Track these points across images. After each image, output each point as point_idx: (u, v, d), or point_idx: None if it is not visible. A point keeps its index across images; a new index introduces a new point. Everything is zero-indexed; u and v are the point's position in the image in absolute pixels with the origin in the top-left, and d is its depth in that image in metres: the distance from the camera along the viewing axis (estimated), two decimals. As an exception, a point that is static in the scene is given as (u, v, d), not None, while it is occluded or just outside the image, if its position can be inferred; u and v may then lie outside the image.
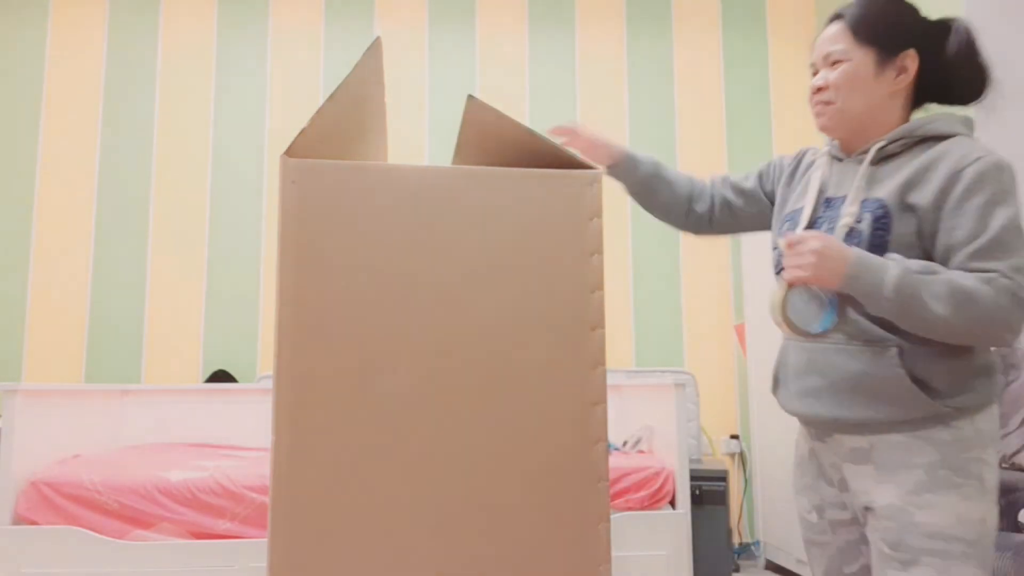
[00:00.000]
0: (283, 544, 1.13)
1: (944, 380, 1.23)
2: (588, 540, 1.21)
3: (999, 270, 1.17)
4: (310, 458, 1.15)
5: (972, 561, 1.19)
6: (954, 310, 1.16)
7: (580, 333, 1.25)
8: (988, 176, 1.21)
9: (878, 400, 1.25)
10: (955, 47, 1.32)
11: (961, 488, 1.20)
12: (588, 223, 1.28)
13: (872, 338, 1.25)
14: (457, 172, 1.25)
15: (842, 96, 1.31)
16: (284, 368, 1.14)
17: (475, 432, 1.18)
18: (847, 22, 1.32)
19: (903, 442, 1.24)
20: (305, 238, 1.19)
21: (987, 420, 1.25)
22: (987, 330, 1.17)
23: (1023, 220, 1.21)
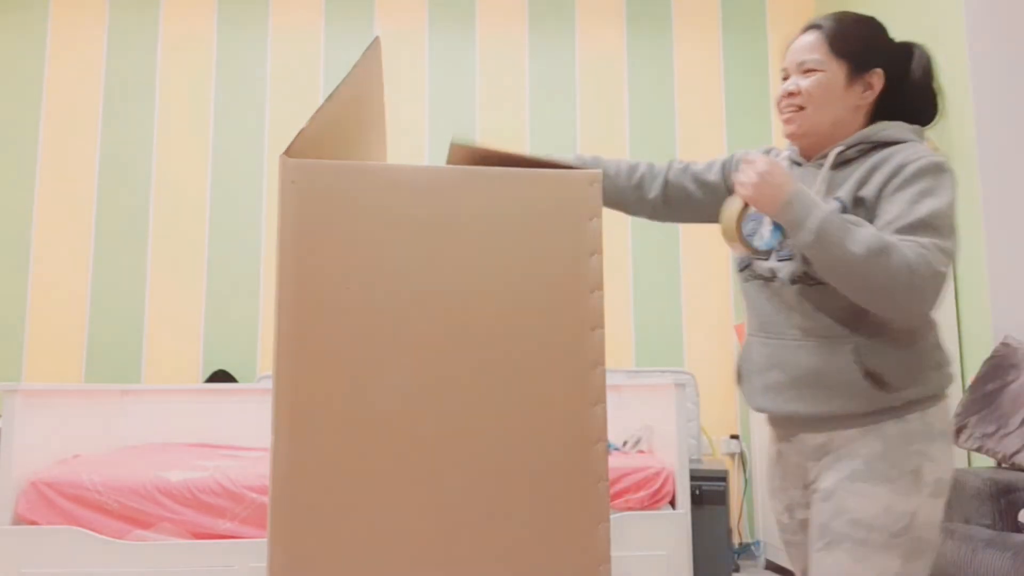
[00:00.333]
0: (283, 544, 1.13)
1: (896, 374, 1.27)
2: (588, 540, 1.21)
3: (921, 242, 1.20)
4: (310, 458, 1.15)
5: (895, 552, 1.22)
6: (867, 254, 1.18)
7: (580, 333, 1.25)
8: (926, 172, 1.26)
9: (834, 395, 1.28)
10: (918, 72, 1.38)
11: (894, 481, 1.24)
12: (588, 223, 1.28)
13: (829, 334, 1.29)
14: (457, 172, 1.25)
15: (813, 104, 1.36)
16: (283, 368, 1.14)
17: (474, 432, 1.18)
18: (825, 34, 1.37)
19: (855, 435, 1.28)
20: (304, 238, 1.19)
21: (937, 414, 1.29)
22: (894, 285, 1.18)
23: (954, 219, 1.25)
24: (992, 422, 2.62)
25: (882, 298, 1.20)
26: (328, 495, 1.13)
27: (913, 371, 1.28)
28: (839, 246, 1.20)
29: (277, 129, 4.18)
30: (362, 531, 1.13)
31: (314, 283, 1.16)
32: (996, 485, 2.43)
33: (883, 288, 1.19)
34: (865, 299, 1.22)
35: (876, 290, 1.20)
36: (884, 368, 1.27)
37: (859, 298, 1.22)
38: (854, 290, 1.22)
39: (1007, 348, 2.70)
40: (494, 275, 1.21)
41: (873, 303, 1.22)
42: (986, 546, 2.20)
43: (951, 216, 1.24)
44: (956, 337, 3.16)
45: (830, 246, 1.21)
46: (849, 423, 1.29)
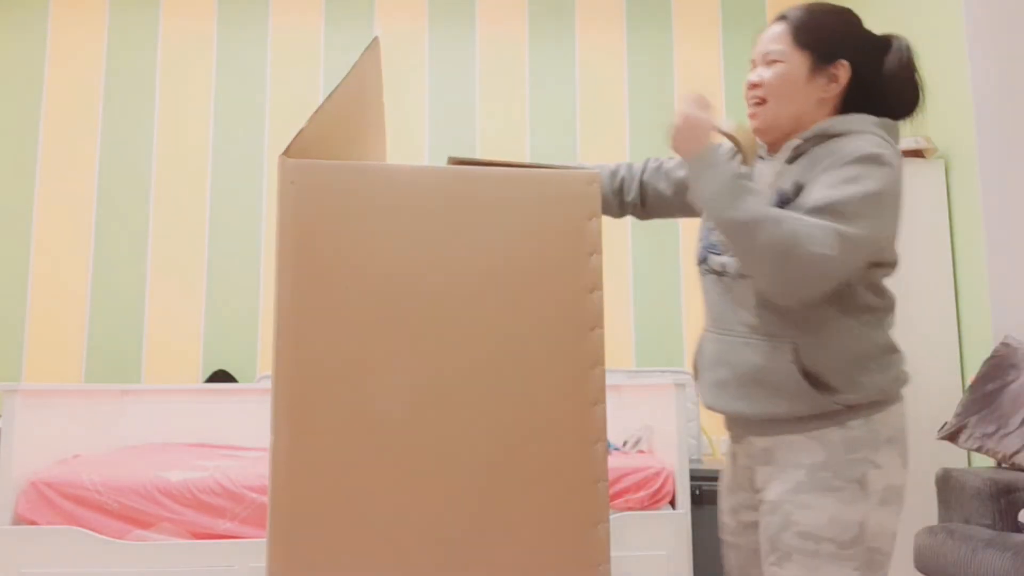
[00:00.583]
0: (283, 544, 1.13)
1: (836, 376, 1.24)
2: (587, 540, 1.21)
3: (816, 223, 1.17)
4: (309, 458, 1.15)
5: (847, 563, 1.20)
6: (749, 220, 1.17)
7: (579, 333, 1.25)
8: (858, 160, 1.22)
9: (775, 395, 1.26)
10: (893, 63, 1.33)
11: (839, 491, 1.21)
12: (587, 223, 1.28)
13: (772, 332, 1.27)
14: (456, 172, 1.25)
15: (774, 96, 1.34)
16: (283, 368, 1.14)
17: (474, 432, 1.18)
18: (790, 24, 1.34)
19: (798, 442, 1.26)
20: (304, 239, 1.19)
21: (884, 420, 1.25)
22: (769, 256, 1.16)
23: (879, 211, 1.20)
24: (992, 422, 2.62)
25: (759, 269, 1.18)
26: (327, 495, 1.13)
27: (854, 374, 1.24)
28: (727, 208, 1.19)
29: (277, 129, 4.18)
30: (361, 531, 1.13)
31: (313, 283, 1.16)
32: (996, 485, 2.43)
33: (760, 259, 1.17)
34: (748, 268, 1.20)
35: (754, 260, 1.18)
36: (823, 369, 1.24)
37: (744, 267, 1.21)
38: (739, 257, 1.20)
39: (1007, 348, 2.70)
40: (493, 275, 1.21)
41: (754, 274, 1.20)
42: (986, 546, 2.20)
43: (872, 206, 1.19)
44: (956, 337, 3.16)
45: (719, 208, 1.20)
46: (792, 428, 1.27)
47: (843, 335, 1.25)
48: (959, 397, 3.07)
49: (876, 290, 1.29)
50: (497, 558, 1.17)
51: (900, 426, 1.27)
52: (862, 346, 1.26)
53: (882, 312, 1.29)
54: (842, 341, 1.25)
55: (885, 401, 1.27)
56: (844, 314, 1.26)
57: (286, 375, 1.14)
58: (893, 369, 1.28)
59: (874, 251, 1.23)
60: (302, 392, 1.15)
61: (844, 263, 1.17)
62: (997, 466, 2.70)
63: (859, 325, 1.26)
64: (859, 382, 1.24)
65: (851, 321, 1.26)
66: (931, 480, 3.05)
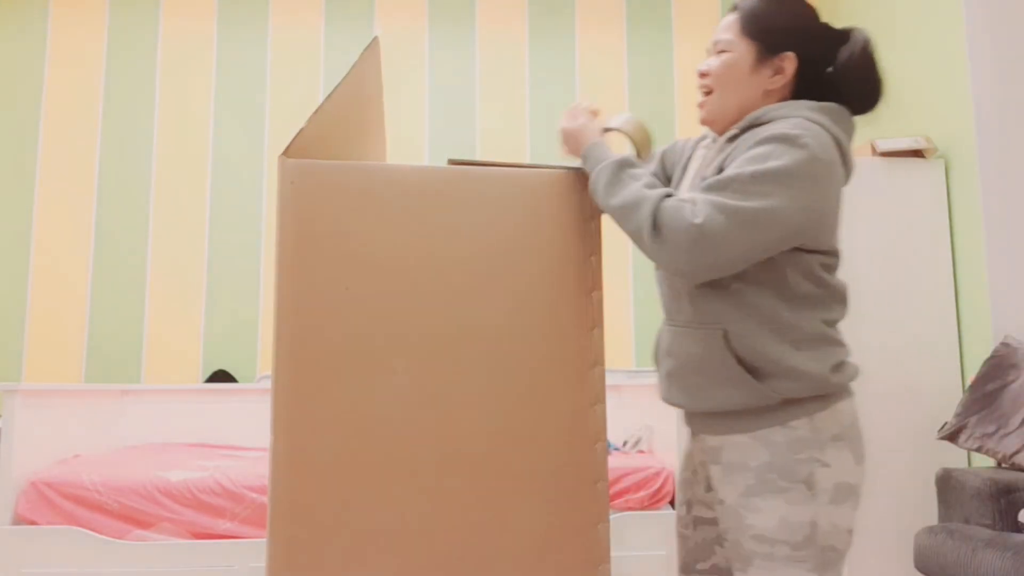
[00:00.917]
0: (282, 544, 1.13)
1: (767, 363, 1.23)
2: (587, 540, 1.21)
3: (695, 198, 1.18)
4: (309, 458, 1.15)
5: (802, 565, 1.19)
6: (621, 206, 1.20)
7: (579, 333, 1.25)
8: (770, 140, 1.20)
9: (712, 384, 1.26)
10: (846, 56, 1.30)
11: (786, 492, 1.20)
12: (587, 224, 1.28)
13: (704, 320, 1.27)
14: (455, 172, 1.25)
15: (720, 84, 1.33)
16: (283, 369, 1.14)
17: (474, 432, 1.18)
18: (739, 14, 1.34)
19: (744, 443, 1.25)
20: (304, 238, 1.19)
21: (829, 418, 1.24)
22: (639, 235, 1.19)
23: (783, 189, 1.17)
24: (992, 422, 2.62)
25: (643, 248, 1.20)
26: (327, 495, 1.13)
27: (784, 359, 1.23)
28: (607, 196, 1.23)
29: (277, 129, 4.18)
30: (361, 530, 1.13)
31: (313, 283, 1.16)
32: (996, 485, 2.43)
33: (638, 239, 1.20)
34: (640, 249, 1.23)
35: (637, 240, 1.21)
36: (754, 355, 1.24)
37: (639, 248, 1.23)
38: (631, 239, 1.23)
39: (1007, 348, 2.69)
40: (493, 275, 1.21)
41: (645, 254, 1.22)
42: (986, 546, 2.20)
43: (772, 182, 1.16)
44: (956, 337, 3.16)
45: (601, 197, 1.24)
46: (737, 426, 1.26)
47: (772, 321, 1.24)
48: (959, 397, 3.07)
49: (813, 278, 1.26)
50: (497, 558, 1.17)
51: (848, 423, 1.26)
52: (791, 333, 1.24)
53: (819, 301, 1.27)
54: (771, 326, 1.24)
55: (828, 397, 1.25)
56: (777, 300, 1.25)
57: (286, 375, 1.14)
58: (829, 359, 1.25)
59: (789, 231, 1.19)
60: (302, 392, 1.15)
61: (728, 234, 1.15)
62: (997, 466, 2.70)
63: (790, 312, 1.25)
64: (791, 369, 1.22)
65: (782, 308, 1.24)
66: (931, 480, 3.05)
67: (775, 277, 1.25)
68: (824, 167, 1.20)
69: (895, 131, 3.58)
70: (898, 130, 3.57)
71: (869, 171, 3.21)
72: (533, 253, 1.25)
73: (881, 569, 2.99)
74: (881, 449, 3.04)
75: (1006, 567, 2.11)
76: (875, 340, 3.10)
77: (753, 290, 1.25)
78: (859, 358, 3.07)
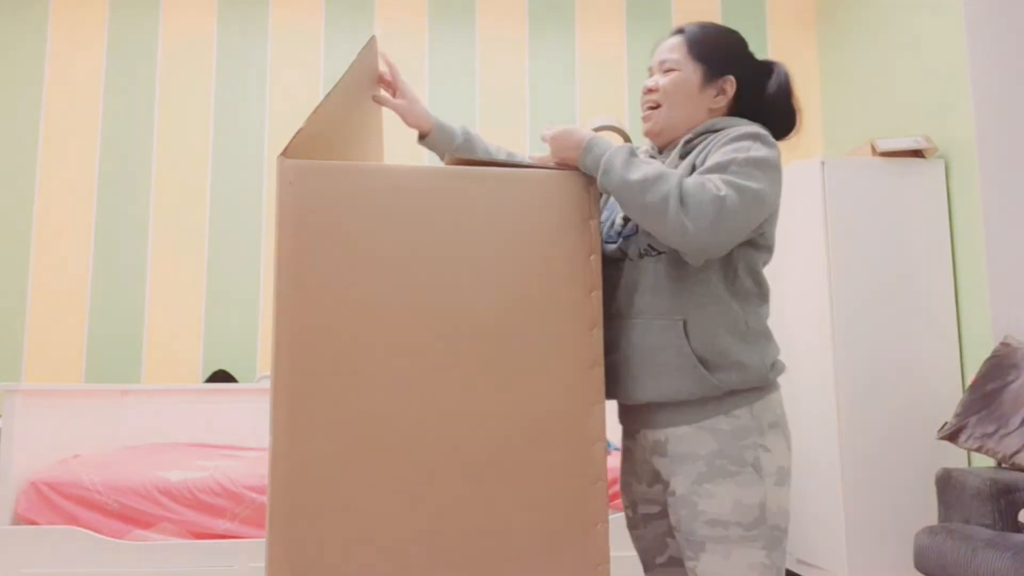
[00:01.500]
0: (281, 544, 1.13)
1: (718, 355, 1.30)
2: (586, 540, 1.21)
3: (708, 176, 1.25)
4: (308, 459, 1.15)
5: (755, 544, 1.26)
6: (643, 179, 1.24)
7: (578, 332, 1.25)
8: (744, 136, 1.31)
9: (662, 373, 1.31)
10: (774, 87, 1.46)
11: (736, 476, 1.28)
12: (585, 223, 1.28)
13: (663, 312, 1.32)
14: (454, 172, 1.25)
15: (668, 100, 1.44)
16: (282, 369, 1.14)
17: (473, 432, 1.18)
18: (686, 37, 1.46)
19: (690, 434, 1.31)
20: (302, 239, 1.19)
21: (765, 407, 1.33)
22: (665, 204, 1.22)
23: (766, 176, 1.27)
24: (992, 422, 2.62)
25: (660, 218, 1.22)
26: (327, 495, 1.13)
27: (733, 353, 1.30)
28: (622, 171, 1.26)
29: (277, 129, 4.18)
30: (360, 530, 1.13)
31: (312, 284, 1.16)
32: (996, 485, 2.43)
33: (656, 207, 1.22)
34: (648, 222, 1.25)
35: (651, 208, 1.23)
36: (708, 347, 1.30)
37: (645, 223, 1.25)
38: (639, 213, 1.25)
39: (1007, 348, 2.69)
40: (492, 275, 1.22)
41: (659, 228, 1.24)
42: (986, 546, 2.20)
43: (760, 169, 1.26)
44: (956, 337, 3.16)
45: (617, 172, 1.26)
46: (681, 418, 1.32)
47: (726, 315, 1.32)
48: (959, 397, 3.07)
49: (754, 276, 1.36)
50: (496, 558, 1.17)
51: (780, 412, 1.36)
52: (739, 328, 1.32)
53: (757, 299, 1.36)
54: (724, 320, 1.31)
55: (763, 388, 1.34)
56: (729, 295, 1.33)
57: (285, 375, 1.14)
58: (769, 354, 1.35)
59: (767, 215, 1.29)
60: (301, 393, 1.15)
61: (740, 208, 1.22)
62: (997, 466, 2.70)
63: (739, 306, 1.33)
64: (738, 362, 1.30)
65: (733, 302, 1.33)
66: (931, 480, 3.05)
67: (729, 272, 1.34)
68: (780, 168, 1.33)
69: (895, 131, 3.58)
70: (898, 130, 3.56)
71: (869, 171, 3.21)
72: (532, 253, 1.25)
73: (881, 569, 2.99)
74: (881, 449, 3.04)
75: (1006, 567, 2.11)
76: (875, 340, 3.10)
77: (713, 282, 1.32)
78: (859, 358, 3.07)
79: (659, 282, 1.33)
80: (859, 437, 3.03)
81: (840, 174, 3.19)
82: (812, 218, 3.22)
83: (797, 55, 4.45)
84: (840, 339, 3.08)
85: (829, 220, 3.15)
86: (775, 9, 4.48)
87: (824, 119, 4.32)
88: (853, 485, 3.00)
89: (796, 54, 4.45)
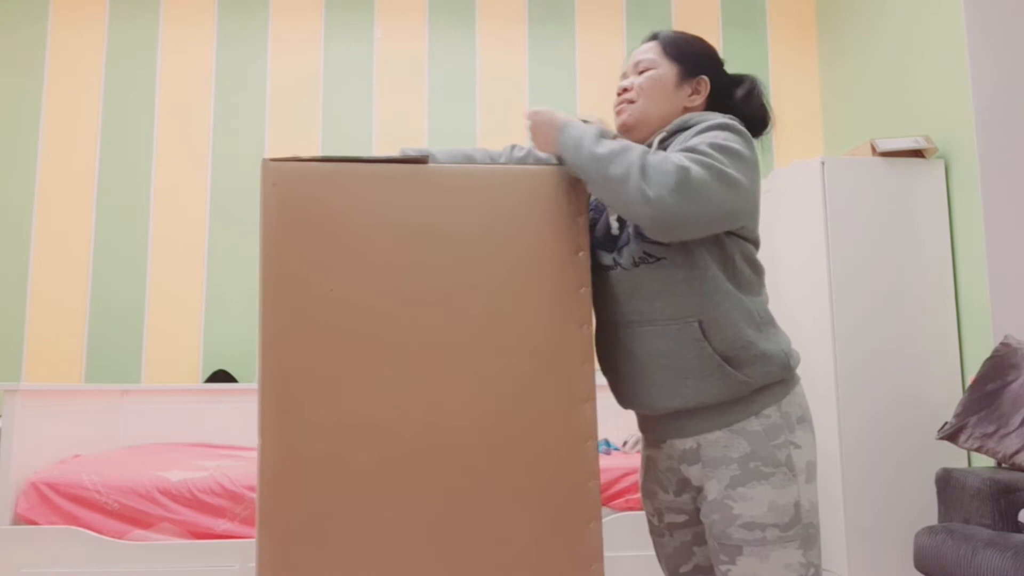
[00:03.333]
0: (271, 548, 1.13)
1: (738, 350, 1.28)
2: (579, 539, 1.21)
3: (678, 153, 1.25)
4: (296, 461, 1.14)
5: (791, 544, 1.26)
6: (610, 152, 1.24)
7: (568, 330, 1.24)
8: (717, 126, 1.32)
9: (687, 378, 1.29)
10: (741, 94, 1.48)
11: (771, 477, 1.27)
12: (574, 220, 1.28)
13: (677, 315, 1.30)
14: (443, 170, 1.25)
15: (644, 97, 1.44)
16: (268, 370, 1.14)
17: (463, 431, 1.18)
18: (660, 40, 1.49)
19: (722, 438, 1.30)
20: (287, 240, 1.18)
21: (792, 403, 1.33)
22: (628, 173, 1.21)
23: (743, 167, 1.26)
24: (992, 422, 2.61)
25: (617, 186, 1.21)
26: (316, 497, 1.13)
27: (751, 345, 1.29)
28: (591, 145, 1.25)
29: (277, 129, 4.18)
30: (351, 531, 1.13)
31: (298, 285, 1.16)
32: (996, 485, 2.43)
33: (618, 177, 1.21)
34: (610, 193, 1.23)
35: (613, 179, 1.22)
36: (727, 342, 1.28)
37: (607, 195, 1.24)
38: (602, 186, 1.24)
39: (1007, 348, 2.69)
40: (479, 273, 1.21)
41: (614, 194, 1.22)
42: (986, 546, 2.20)
43: (735, 158, 1.26)
44: (956, 337, 3.15)
45: (586, 147, 1.26)
46: (710, 424, 1.30)
47: (738, 308, 1.30)
48: (959, 397, 3.06)
49: (752, 264, 1.35)
50: (488, 558, 1.17)
51: (805, 405, 1.35)
52: (754, 319, 1.31)
53: (757, 287, 1.36)
54: (739, 314, 1.30)
55: (787, 382, 1.33)
56: (736, 287, 1.32)
57: (272, 377, 1.14)
58: (783, 341, 1.34)
59: (745, 208, 1.28)
60: (289, 395, 1.15)
61: (706, 180, 1.20)
62: (997, 466, 2.70)
63: (745, 297, 1.32)
64: (761, 354, 1.29)
65: (739, 294, 1.31)
66: (931, 480, 3.05)
67: (729, 264, 1.32)
68: (756, 160, 1.33)
69: (895, 131, 3.57)
70: (898, 130, 3.56)
71: (869, 171, 3.20)
72: (520, 250, 1.25)
73: (881, 569, 2.98)
74: (881, 449, 3.04)
75: (1006, 567, 2.11)
76: (875, 340, 3.09)
77: (718, 278, 1.30)
78: (858, 358, 3.07)
79: (664, 287, 1.31)
80: (859, 437, 3.03)
81: (840, 174, 3.18)
82: (812, 218, 3.21)
83: (797, 55, 4.45)
84: (840, 339, 3.07)
85: (829, 220, 3.14)
86: (775, 9, 4.48)
87: (824, 119, 4.32)
88: (853, 485, 3.00)
89: (796, 54, 4.45)
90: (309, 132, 4.20)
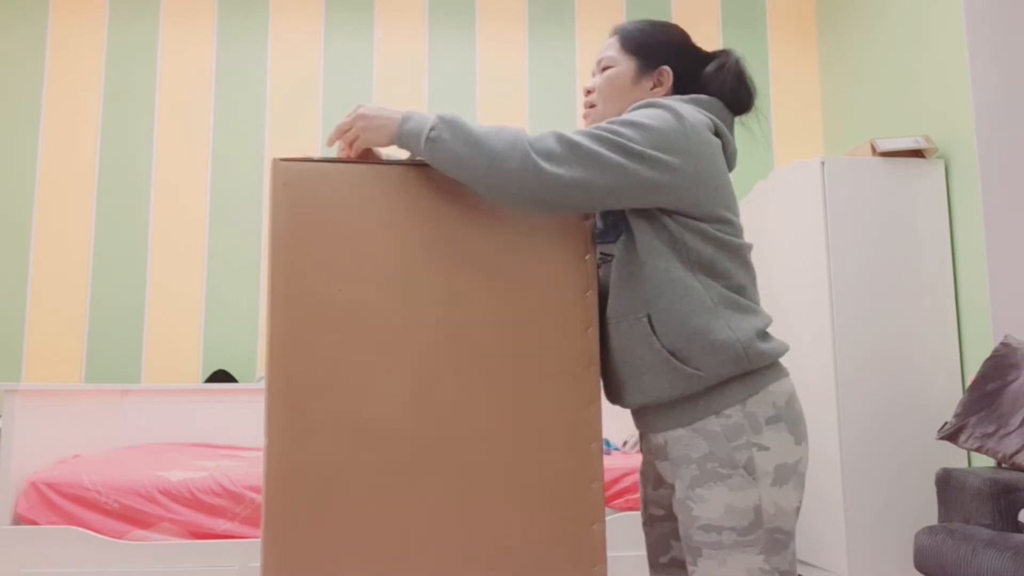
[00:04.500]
0: (276, 549, 1.13)
1: (688, 341, 1.24)
2: (583, 540, 1.21)
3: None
4: (302, 461, 1.14)
5: (750, 549, 1.22)
6: (487, 129, 1.20)
7: (573, 333, 1.24)
8: (639, 107, 1.29)
9: (640, 375, 1.27)
10: (712, 69, 1.41)
11: (728, 479, 1.22)
12: (580, 223, 1.28)
13: (628, 311, 1.27)
14: (452, 173, 1.25)
15: (603, 97, 1.43)
16: (276, 371, 1.14)
17: (468, 432, 1.18)
18: (619, 34, 1.46)
19: (684, 436, 1.27)
20: (296, 241, 1.18)
21: (761, 402, 1.25)
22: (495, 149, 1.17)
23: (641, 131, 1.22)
24: (992, 422, 2.62)
25: (503, 163, 1.17)
26: (323, 494, 1.13)
27: (705, 333, 1.23)
28: (464, 130, 1.20)
29: (277, 129, 4.18)
30: (356, 531, 1.13)
31: (306, 285, 1.16)
32: (996, 485, 2.43)
33: (505, 152, 1.17)
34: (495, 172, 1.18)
35: (499, 154, 1.17)
36: (676, 335, 1.24)
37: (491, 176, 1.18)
38: (485, 166, 1.18)
39: (1007, 348, 2.69)
40: (488, 275, 1.21)
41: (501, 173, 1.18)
42: (986, 546, 2.20)
43: (636, 127, 1.22)
44: (956, 337, 3.15)
45: (458, 133, 1.19)
46: (674, 421, 1.28)
47: (687, 296, 1.25)
48: (959, 397, 3.06)
49: (716, 241, 1.28)
50: (492, 559, 1.17)
51: (783, 403, 1.27)
52: (706, 305, 1.25)
53: (727, 264, 1.28)
54: (687, 302, 1.25)
55: (755, 379, 1.26)
56: (687, 271, 1.26)
57: (279, 377, 1.14)
58: (743, 327, 1.26)
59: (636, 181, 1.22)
60: (296, 395, 1.15)
61: (598, 156, 1.18)
62: (997, 466, 2.70)
63: (702, 282, 1.26)
64: (710, 342, 1.23)
65: (693, 279, 1.26)
66: (931, 480, 3.05)
67: (681, 248, 1.26)
68: (695, 132, 1.26)
69: (895, 131, 3.58)
70: (898, 130, 3.56)
71: (869, 171, 3.20)
72: (527, 253, 1.25)
73: (881, 569, 2.99)
74: (881, 449, 3.04)
75: (1006, 567, 2.11)
76: (875, 340, 3.09)
77: (669, 267, 1.25)
78: (858, 357, 3.07)
79: (616, 284, 1.29)
80: (859, 437, 3.03)
81: (840, 174, 3.19)
82: (812, 218, 3.22)
83: (797, 55, 4.45)
84: (840, 339, 3.08)
85: (829, 220, 3.15)
86: (775, 9, 4.48)
87: (824, 119, 4.32)
88: (853, 485, 3.00)
89: (796, 54, 4.45)
90: (309, 132, 4.19)
